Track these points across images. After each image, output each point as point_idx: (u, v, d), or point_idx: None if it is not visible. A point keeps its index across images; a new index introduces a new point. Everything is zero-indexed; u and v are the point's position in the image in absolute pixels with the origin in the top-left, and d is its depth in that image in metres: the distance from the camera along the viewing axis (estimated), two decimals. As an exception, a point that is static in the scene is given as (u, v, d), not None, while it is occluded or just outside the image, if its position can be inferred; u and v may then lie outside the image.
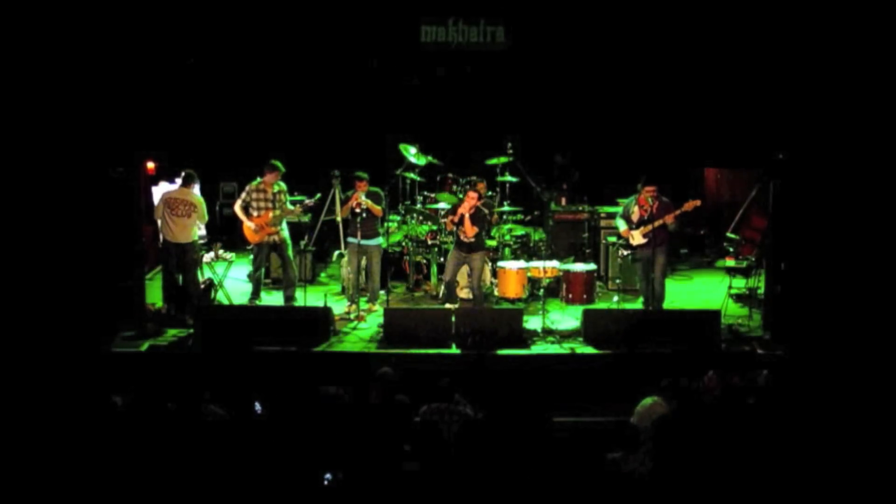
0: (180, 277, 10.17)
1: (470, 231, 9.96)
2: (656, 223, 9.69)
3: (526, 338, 9.43)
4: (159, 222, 10.24)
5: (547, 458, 6.09)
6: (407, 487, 5.80)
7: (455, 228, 10.10)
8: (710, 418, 6.66)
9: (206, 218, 10.37)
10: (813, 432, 6.40)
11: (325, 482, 5.72)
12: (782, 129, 9.53)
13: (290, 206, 10.44)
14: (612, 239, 11.01)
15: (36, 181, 8.72)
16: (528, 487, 5.76)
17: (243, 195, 10.36)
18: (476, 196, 10.02)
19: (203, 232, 10.75)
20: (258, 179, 10.27)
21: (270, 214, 10.26)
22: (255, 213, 10.30)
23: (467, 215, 9.91)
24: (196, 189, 10.34)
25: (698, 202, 9.64)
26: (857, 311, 8.62)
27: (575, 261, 11.37)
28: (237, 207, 10.37)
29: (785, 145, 9.36)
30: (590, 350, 9.23)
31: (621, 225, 10.03)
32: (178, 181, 10.45)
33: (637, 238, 9.82)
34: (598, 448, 6.68)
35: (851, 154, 8.87)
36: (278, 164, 10.32)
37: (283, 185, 10.43)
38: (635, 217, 9.87)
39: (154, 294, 10.45)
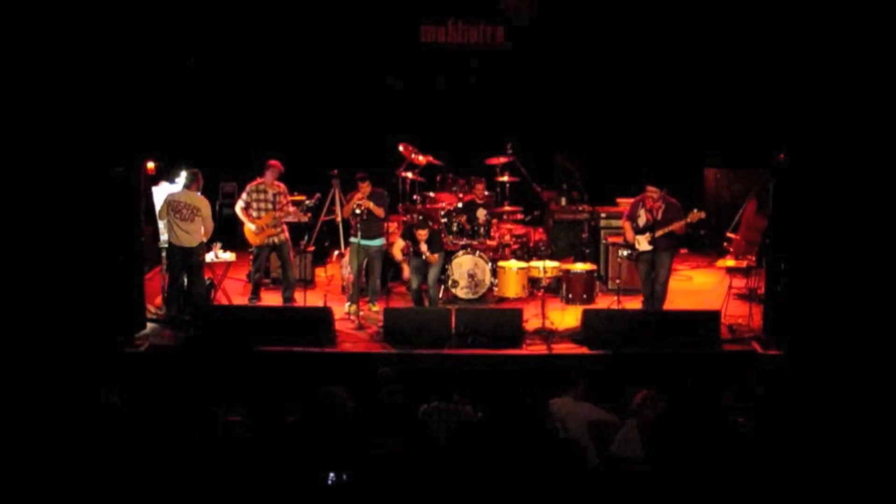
0: (185, 279, 10.14)
1: (433, 259, 10.00)
2: (665, 230, 9.60)
3: (525, 338, 9.42)
4: (161, 224, 10.22)
5: (546, 458, 6.10)
6: (407, 487, 5.81)
7: (410, 250, 10.11)
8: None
9: (212, 224, 10.20)
10: (813, 432, 6.40)
11: (329, 482, 5.73)
12: (782, 130, 9.52)
13: (290, 207, 10.44)
14: (620, 246, 10.79)
15: (36, 181, 8.72)
16: (528, 487, 5.77)
17: (243, 196, 10.35)
18: (425, 233, 9.96)
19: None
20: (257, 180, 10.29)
21: (271, 216, 10.25)
22: (255, 215, 10.30)
23: (424, 247, 9.93)
24: (199, 190, 10.28)
25: (703, 215, 9.48)
26: (858, 310, 8.61)
27: (575, 261, 11.37)
28: (238, 209, 10.35)
29: (785, 145, 9.36)
30: (589, 350, 9.22)
31: (627, 228, 9.97)
32: (179, 180, 10.42)
33: (643, 244, 9.73)
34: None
35: (851, 154, 8.86)
36: (278, 164, 10.31)
37: (283, 186, 10.42)
38: (641, 220, 9.79)
39: (154, 294, 10.45)
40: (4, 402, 7.07)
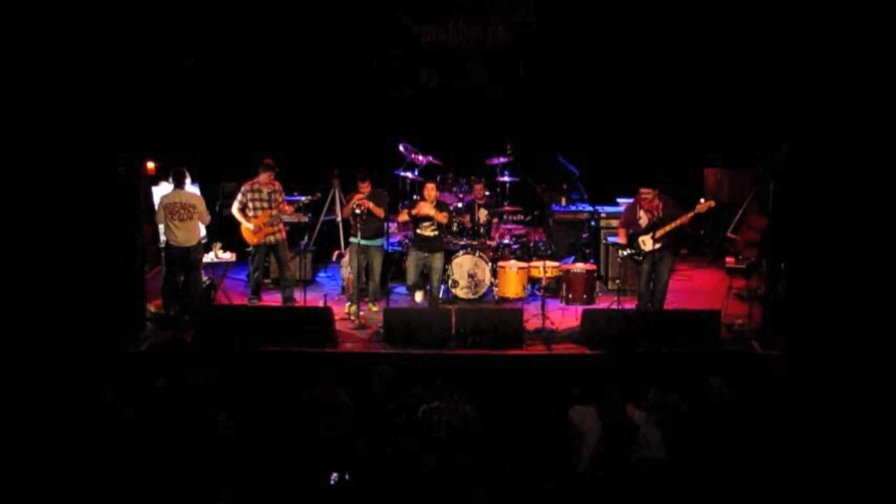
0: (183, 278, 10.13)
1: (442, 217, 10.00)
2: (672, 225, 9.58)
3: (525, 338, 9.43)
4: (161, 227, 10.21)
5: (546, 459, 6.11)
6: (408, 487, 5.81)
7: (415, 224, 10.07)
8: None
9: (208, 217, 10.23)
10: (812, 432, 6.41)
11: (332, 482, 5.74)
12: (782, 130, 9.53)
13: (286, 206, 10.43)
14: (620, 246, 10.73)
15: (36, 181, 8.72)
16: (528, 487, 5.78)
17: (239, 196, 10.35)
18: (434, 186, 10.06)
19: (203, 233, 10.67)
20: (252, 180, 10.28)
21: (267, 215, 10.24)
22: (251, 214, 10.29)
23: (433, 209, 9.92)
24: (189, 186, 10.25)
25: (712, 203, 9.43)
26: (858, 310, 8.61)
27: (575, 261, 11.36)
28: (235, 210, 10.35)
29: (785, 145, 9.36)
30: (589, 350, 9.22)
31: (621, 234, 9.94)
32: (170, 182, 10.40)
33: (648, 244, 9.70)
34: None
35: (851, 154, 8.87)
36: (271, 163, 10.29)
37: (278, 185, 10.41)
38: (643, 221, 9.76)
39: (154, 294, 10.44)
40: (4, 402, 7.07)
